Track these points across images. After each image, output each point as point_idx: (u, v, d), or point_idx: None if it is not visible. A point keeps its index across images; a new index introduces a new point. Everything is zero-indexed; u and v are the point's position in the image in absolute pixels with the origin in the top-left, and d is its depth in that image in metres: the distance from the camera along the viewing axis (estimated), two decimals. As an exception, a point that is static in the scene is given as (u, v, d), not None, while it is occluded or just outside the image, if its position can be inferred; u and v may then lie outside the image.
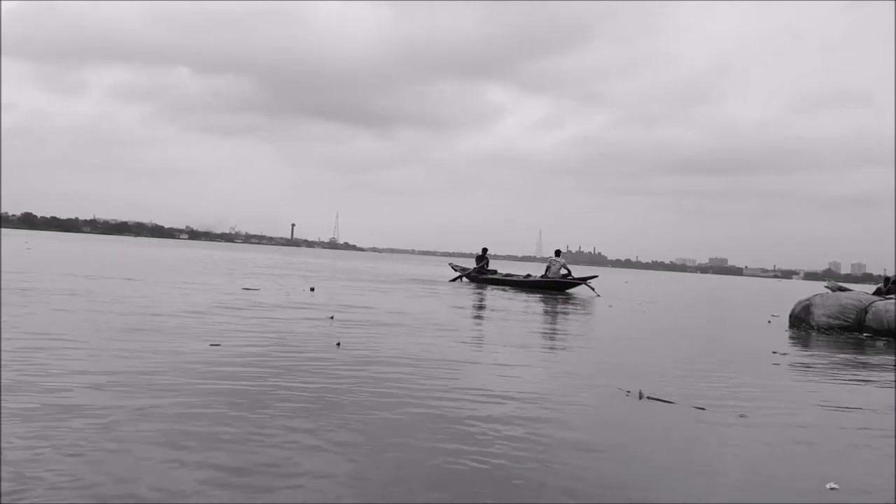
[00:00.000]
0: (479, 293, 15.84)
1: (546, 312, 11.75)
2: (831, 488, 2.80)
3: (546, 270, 18.59)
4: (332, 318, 8.15)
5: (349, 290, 14.35)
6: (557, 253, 18.97)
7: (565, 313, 11.80)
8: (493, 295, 15.39)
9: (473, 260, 21.43)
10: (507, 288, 18.31)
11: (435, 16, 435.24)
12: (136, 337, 5.78)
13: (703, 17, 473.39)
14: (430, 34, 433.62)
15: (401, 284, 17.67)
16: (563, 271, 18.28)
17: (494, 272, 20.35)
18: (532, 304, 13.32)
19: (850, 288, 11.64)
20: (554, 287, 17.85)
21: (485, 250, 20.66)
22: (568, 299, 15.23)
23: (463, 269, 21.13)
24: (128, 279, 12.95)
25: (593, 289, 17.62)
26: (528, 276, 19.47)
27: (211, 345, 5.55)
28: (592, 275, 18.47)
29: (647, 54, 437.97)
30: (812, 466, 3.16)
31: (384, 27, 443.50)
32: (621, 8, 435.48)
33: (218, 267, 21.86)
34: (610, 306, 13.91)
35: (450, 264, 22.58)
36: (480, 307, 12.18)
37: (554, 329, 9.22)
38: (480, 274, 20.13)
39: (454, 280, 20.42)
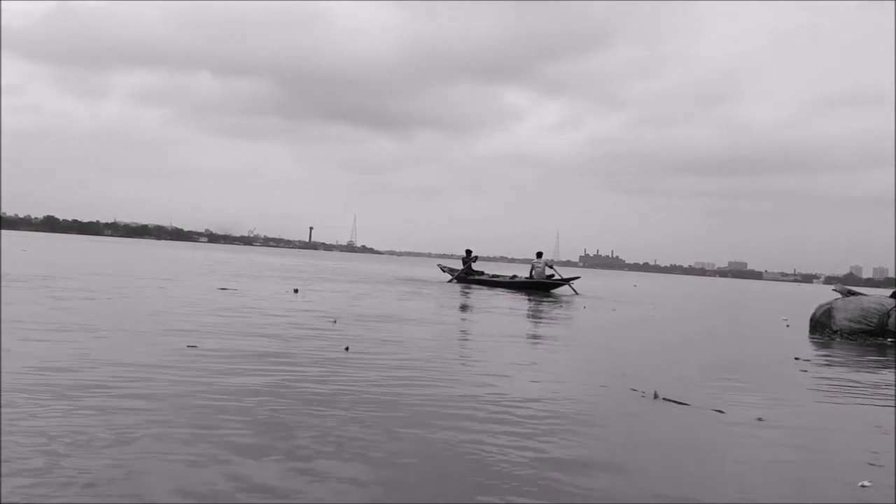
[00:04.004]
0: (469, 295, 15.92)
1: (547, 315, 11.72)
2: (863, 486, 2.71)
3: (531, 272, 19.52)
4: (335, 322, 7.90)
5: (337, 291, 14.19)
6: (539, 255, 19.90)
7: (567, 316, 11.77)
8: (483, 296, 15.50)
9: (461, 261, 21.85)
10: (494, 289, 18.65)
11: (453, 18, 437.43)
12: (104, 338, 5.63)
13: (720, 17, 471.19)
14: (448, 36, 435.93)
15: (393, 285, 17.41)
16: (548, 272, 19.26)
17: (482, 273, 21.02)
18: (529, 306, 13.31)
19: (860, 292, 11.39)
20: (539, 288, 18.56)
21: (468, 252, 21.19)
22: (568, 301, 15.06)
23: (451, 270, 21.81)
24: (99, 276, 12.45)
25: (574, 289, 18.40)
26: (514, 276, 20.18)
27: (188, 346, 5.44)
28: (575, 276, 19.57)
29: (664, 55, 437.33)
30: (841, 467, 3.11)
31: (402, 29, 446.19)
32: (638, 9, 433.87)
33: (215, 267, 21.87)
34: (613, 310, 13.87)
35: (439, 265, 23.76)
36: (477, 309, 12.10)
37: (557, 332, 9.20)
38: (468, 275, 20.73)
39: (451, 281, 20.97)
